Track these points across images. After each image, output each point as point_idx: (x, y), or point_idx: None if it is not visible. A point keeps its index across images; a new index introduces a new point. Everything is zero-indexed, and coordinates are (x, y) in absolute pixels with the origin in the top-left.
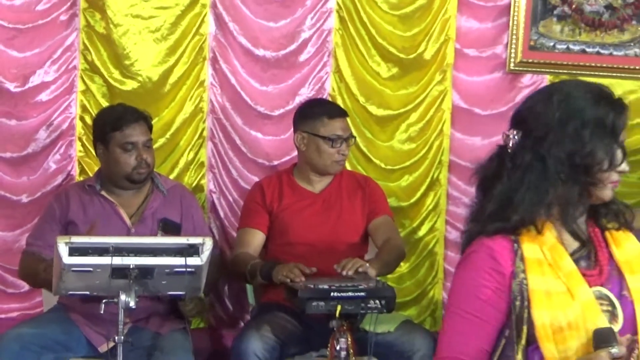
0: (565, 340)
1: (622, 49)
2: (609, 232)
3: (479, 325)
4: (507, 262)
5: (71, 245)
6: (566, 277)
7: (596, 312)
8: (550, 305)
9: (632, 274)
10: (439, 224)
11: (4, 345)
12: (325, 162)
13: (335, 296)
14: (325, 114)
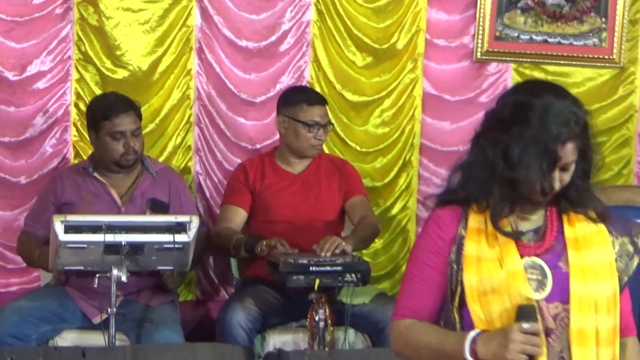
0: (489, 304)
1: (582, 39)
2: (567, 213)
3: (426, 287)
4: (451, 229)
5: (66, 224)
6: (500, 247)
7: (521, 280)
8: (478, 271)
9: (576, 251)
10: (411, 203)
11: (5, 317)
12: (303, 146)
13: (314, 270)
14: (305, 101)
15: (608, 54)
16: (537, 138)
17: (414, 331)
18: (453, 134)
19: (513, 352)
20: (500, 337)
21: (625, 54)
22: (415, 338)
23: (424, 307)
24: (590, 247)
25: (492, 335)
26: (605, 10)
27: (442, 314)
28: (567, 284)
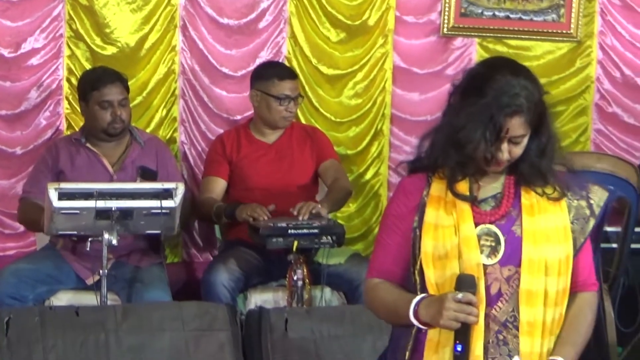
0: (442, 269)
1: (541, 15)
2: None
3: (393, 251)
4: (415, 197)
5: (60, 191)
6: (457, 215)
7: (472, 247)
8: (435, 237)
9: (530, 216)
10: (383, 170)
11: (3, 279)
12: (275, 118)
13: (292, 233)
14: (276, 75)
15: (566, 28)
16: (485, 107)
17: (378, 291)
18: (421, 105)
19: (445, 319)
20: (437, 304)
21: (582, 29)
22: (378, 297)
23: (391, 270)
24: (544, 212)
25: (431, 301)
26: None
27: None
28: (520, 248)
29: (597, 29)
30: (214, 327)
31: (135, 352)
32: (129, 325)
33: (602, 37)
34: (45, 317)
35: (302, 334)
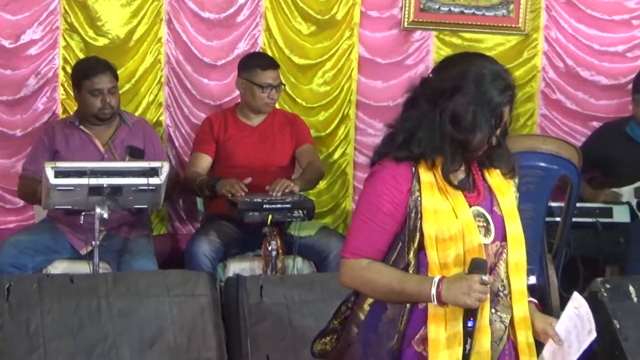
0: (445, 249)
1: (493, 10)
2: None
3: (377, 230)
4: (405, 182)
5: (56, 169)
6: (452, 199)
7: (473, 229)
8: (437, 221)
9: (502, 196)
10: (349, 150)
11: (4, 250)
12: (258, 104)
13: (267, 208)
14: (259, 66)
15: (515, 23)
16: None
17: (372, 271)
18: (384, 92)
19: (473, 299)
20: (462, 285)
21: (529, 23)
22: (374, 277)
23: (377, 249)
24: (506, 194)
25: (454, 282)
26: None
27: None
28: (503, 225)
29: (542, 23)
30: (196, 293)
31: (125, 316)
32: (118, 292)
33: (547, 30)
34: (43, 284)
35: (276, 299)
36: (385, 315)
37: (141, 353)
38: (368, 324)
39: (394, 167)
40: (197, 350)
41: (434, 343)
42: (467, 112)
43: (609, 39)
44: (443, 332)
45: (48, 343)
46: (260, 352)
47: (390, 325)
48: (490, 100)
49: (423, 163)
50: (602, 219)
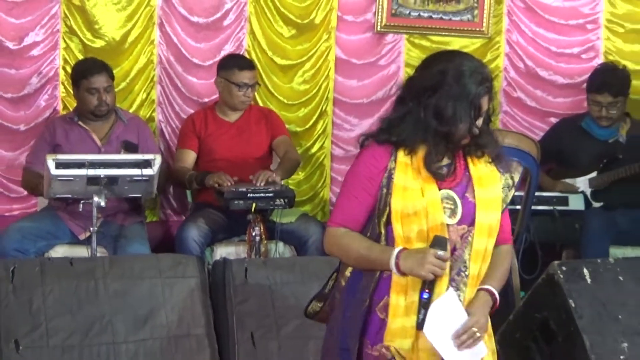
0: (409, 224)
1: (459, 15)
2: (470, 156)
3: (357, 203)
4: (383, 161)
5: (57, 161)
6: (422, 180)
7: (438, 208)
8: (404, 197)
9: (480, 187)
10: (327, 144)
11: (9, 235)
12: (235, 101)
13: (251, 196)
14: (237, 66)
15: (479, 27)
16: (463, 97)
17: (346, 238)
18: (359, 90)
19: (426, 271)
20: (418, 257)
21: (492, 27)
22: (347, 244)
23: (355, 220)
24: (488, 185)
25: (411, 254)
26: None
27: (368, 228)
28: (473, 211)
29: (504, 27)
30: (186, 275)
31: (120, 296)
32: (114, 274)
33: (509, 34)
34: (45, 267)
35: (259, 280)
36: (360, 282)
37: (135, 330)
38: (348, 290)
39: (375, 147)
40: (187, 327)
41: (394, 309)
42: (448, 106)
43: (565, 42)
44: (402, 300)
45: (49, 321)
46: (245, 329)
47: (364, 292)
48: (468, 93)
49: (402, 149)
50: (559, 207)
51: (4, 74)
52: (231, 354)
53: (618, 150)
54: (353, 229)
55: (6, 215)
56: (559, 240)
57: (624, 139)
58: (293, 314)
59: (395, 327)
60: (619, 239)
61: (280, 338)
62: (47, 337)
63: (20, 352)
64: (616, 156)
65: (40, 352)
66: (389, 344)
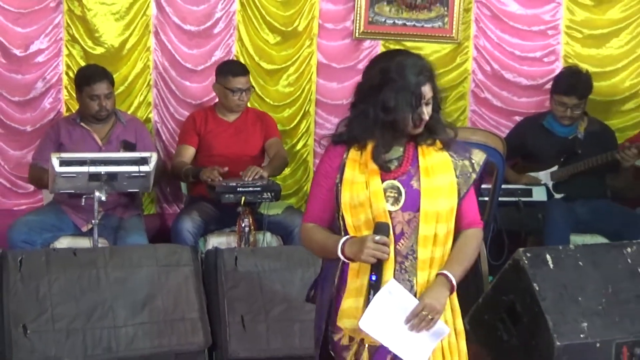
0: (357, 214)
1: (430, 22)
2: (421, 146)
3: (319, 201)
4: (337, 160)
5: (61, 159)
6: (368, 173)
7: (380, 198)
8: (351, 190)
9: (427, 177)
10: (309, 142)
11: (17, 228)
12: (230, 105)
13: (240, 190)
14: (231, 73)
15: (449, 33)
16: (404, 88)
17: (311, 232)
18: (339, 92)
19: (365, 255)
20: (358, 244)
21: (461, 34)
22: (311, 237)
23: (321, 216)
24: (437, 174)
25: (354, 241)
26: (447, 2)
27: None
28: (418, 198)
29: (472, 33)
30: (181, 263)
31: (120, 283)
32: (114, 263)
33: (477, 39)
34: (50, 257)
35: (248, 268)
36: (330, 270)
37: (134, 314)
38: (324, 276)
39: (331, 148)
40: (182, 311)
41: (348, 291)
42: (392, 98)
43: (528, 47)
44: (354, 283)
45: (55, 307)
46: (235, 313)
47: (331, 278)
48: (409, 83)
49: (355, 146)
50: (523, 198)
51: (12, 79)
52: (223, 336)
53: (577, 146)
54: (320, 224)
55: (14, 210)
56: (524, 229)
57: (582, 135)
58: (280, 299)
59: (345, 308)
60: (579, 227)
61: (268, 321)
62: (52, 322)
63: (28, 336)
64: (575, 151)
65: (46, 335)
66: (339, 323)
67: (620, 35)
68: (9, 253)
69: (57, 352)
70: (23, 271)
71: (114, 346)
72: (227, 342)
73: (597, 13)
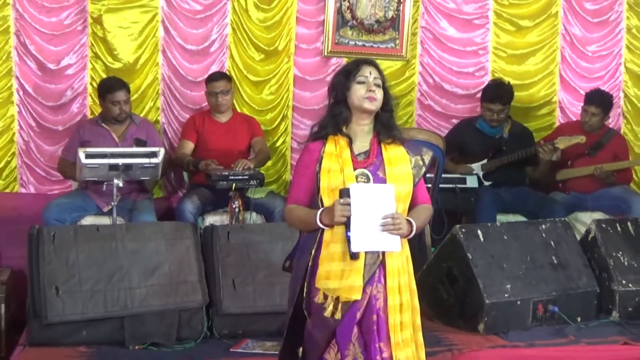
0: (334, 196)
1: (384, 43)
2: (383, 143)
3: (300, 187)
4: (316, 154)
5: (86, 153)
6: (342, 162)
7: (352, 181)
8: (329, 177)
9: (390, 166)
10: (287, 140)
11: (51, 208)
12: (213, 106)
13: (232, 178)
14: (210, 79)
15: (399, 52)
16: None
17: (295, 211)
18: (311, 99)
19: (337, 216)
20: (330, 210)
21: (409, 53)
22: (295, 214)
23: (300, 199)
24: (397, 164)
25: (327, 210)
26: (398, 27)
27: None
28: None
29: (418, 52)
30: (183, 237)
31: (134, 253)
32: (130, 237)
33: (422, 57)
34: (77, 232)
35: (239, 240)
36: (308, 242)
37: (146, 278)
38: (301, 247)
39: (310, 145)
40: (185, 276)
41: (322, 259)
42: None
43: (463, 63)
44: (327, 250)
45: (81, 272)
46: (227, 277)
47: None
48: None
49: (330, 139)
50: (459, 185)
51: (46, 88)
52: (217, 295)
53: (502, 143)
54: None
55: (48, 194)
56: (459, 210)
57: (506, 135)
58: (263, 266)
59: (322, 271)
60: (503, 208)
61: (255, 283)
62: (79, 284)
63: (59, 296)
64: (501, 148)
65: (74, 295)
66: (317, 285)
67: (536, 55)
68: (44, 229)
69: (83, 308)
70: (55, 244)
71: (129, 304)
72: (221, 301)
73: (518, 37)
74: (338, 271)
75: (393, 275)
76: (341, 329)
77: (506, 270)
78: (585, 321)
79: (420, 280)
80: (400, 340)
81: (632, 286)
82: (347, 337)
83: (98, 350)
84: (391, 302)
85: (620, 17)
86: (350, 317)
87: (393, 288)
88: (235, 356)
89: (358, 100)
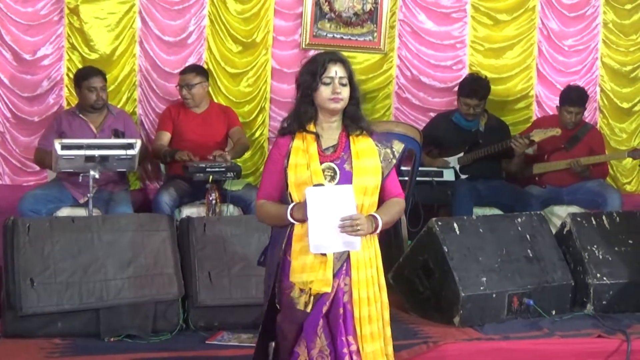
0: (301, 190)
1: (362, 36)
2: (352, 136)
3: (269, 182)
4: (285, 148)
5: (62, 144)
6: (309, 157)
7: (319, 176)
8: (296, 172)
9: (357, 159)
10: (265, 132)
11: (26, 200)
12: (182, 98)
13: (209, 170)
14: (180, 72)
15: (377, 45)
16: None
17: (265, 207)
18: (289, 92)
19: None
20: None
21: (387, 46)
22: (265, 210)
23: (270, 194)
24: (365, 157)
25: (298, 205)
26: (376, 20)
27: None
28: (350, 177)
29: (396, 45)
30: (160, 229)
31: (110, 245)
32: (106, 228)
33: (400, 51)
34: (53, 223)
35: (215, 232)
36: (279, 237)
37: (122, 270)
38: (272, 242)
39: (278, 140)
40: (161, 268)
41: (294, 253)
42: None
43: (441, 57)
44: (298, 245)
45: (56, 264)
46: (204, 269)
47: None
48: (317, 62)
49: (298, 135)
50: (436, 178)
51: (22, 79)
52: (193, 288)
53: (479, 137)
54: (271, 200)
55: (24, 185)
56: (436, 202)
57: (483, 128)
58: (239, 258)
59: (297, 265)
60: (480, 201)
61: (231, 276)
62: (54, 276)
63: (34, 287)
64: (477, 141)
65: (49, 287)
66: (291, 279)
67: (514, 49)
68: (19, 220)
69: (58, 300)
70: (30, 235)
71: (105, 295)
72: (197, 293)
73: (496, 30)
74: (311, 264)
75: (359, 268)
76: (307, 321)
77: (482, 263)
78: (559, 314)
79: (397, 273)
80: (367, 333)
81: (606, 279)
82: (313, 329)
83: (73, 342)
84: (356, 295)
85: (597, 12)
86: (317, 310)
87: (358, 281)
88: (211, 348)
89: (323, 102)
